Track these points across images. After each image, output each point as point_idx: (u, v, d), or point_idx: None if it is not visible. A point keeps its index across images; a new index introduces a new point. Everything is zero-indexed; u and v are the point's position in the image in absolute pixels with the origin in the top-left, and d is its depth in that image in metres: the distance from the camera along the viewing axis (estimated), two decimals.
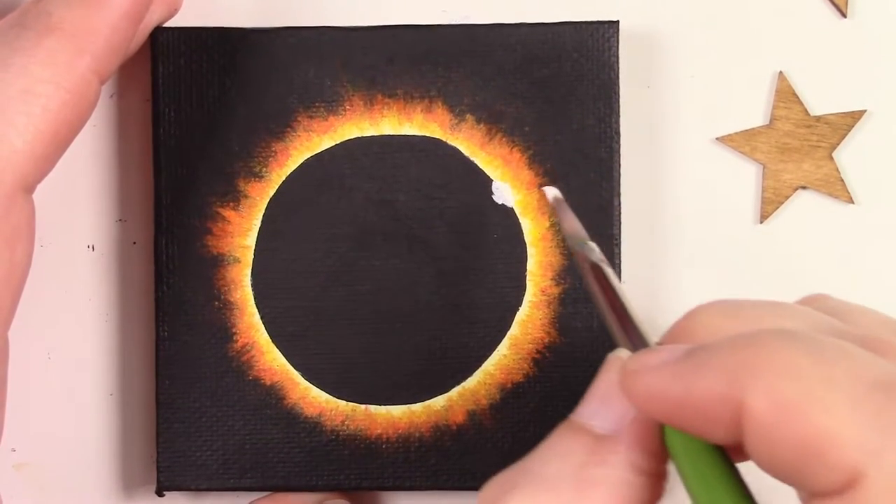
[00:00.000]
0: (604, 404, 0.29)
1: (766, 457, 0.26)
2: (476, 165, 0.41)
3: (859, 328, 0.28)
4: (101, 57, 0.35)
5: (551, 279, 0.40)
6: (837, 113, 0.41)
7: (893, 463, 0.24)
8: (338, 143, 0.41)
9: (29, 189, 0.35)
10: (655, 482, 0.28)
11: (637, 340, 0.30)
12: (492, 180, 0.40)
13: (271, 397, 0.40)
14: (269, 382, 0.40)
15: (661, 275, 0.42)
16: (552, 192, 0.37)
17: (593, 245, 0.34)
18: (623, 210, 0.41)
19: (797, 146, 0.41)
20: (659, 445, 0.28)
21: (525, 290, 0.40)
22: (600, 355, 0.30)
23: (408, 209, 0.40)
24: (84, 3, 0.35)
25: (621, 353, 0.30)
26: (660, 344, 0.30)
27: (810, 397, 0.25)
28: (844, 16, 0.42)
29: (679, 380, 0.27)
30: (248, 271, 0.40)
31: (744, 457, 0.28)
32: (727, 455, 0.27)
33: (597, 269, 0.32)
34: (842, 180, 0.41)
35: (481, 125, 0.40)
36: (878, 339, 0.27)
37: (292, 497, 0.41)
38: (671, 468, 0.29)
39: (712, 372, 0.26)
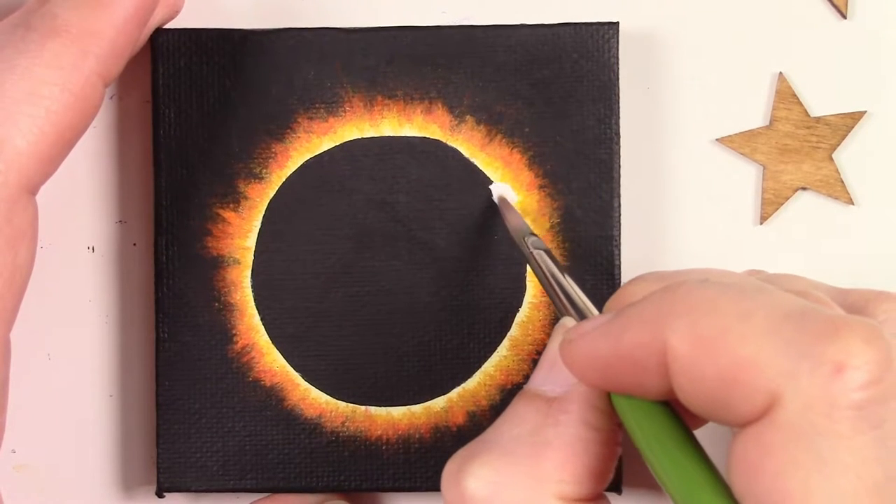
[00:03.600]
0: (552, 370, 0.30)
1: (693, 395, 0.27)
2: (476, 167, 0.41)
3: (786, 286, 0.29)
4: (106, 59, 0.35)
5: None
6: (837, 114, 0.41)
7: (809, 384, 0.25)
8: (338, 144, 0.41)
9: (33, 191, 0.35)
10: (610, 438, 0.29)
11: (581, 316, 0.32)
12: (492, 181, 0.40)
13: (271, 399, 0.40)
14: (269, 384, 0.40)
15: None
16: (497, 190, 0.40)
17: (536, 237, 0.37)
18: (623, 210, 0.41)
19: (797, 147, 0.41)
20: (608, 402, 0.29)
21: (525, 291, 0.40)
22: None
23: (408, 210, 0.40)
24: (89, 5, 0.35)
25: (567, 322, 0.32)
26: None
27: (727, 330, 0.26)
28: (844, 16, 0.42)
29: (608, 338, 0.28)
30: (248, 273, 0.40)
31: (700, 421, 0.29)
32: (676, 413, 0.28)
33: (541, 257, 0.35)
34: (842, 181, 0.41)
35: (481, 126, 0.40)
36: (802, 290, 0.29)
37: (292, 498, 0.41)
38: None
39: (636, 323, 0.27)
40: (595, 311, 0.32)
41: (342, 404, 0.40)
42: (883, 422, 0.25)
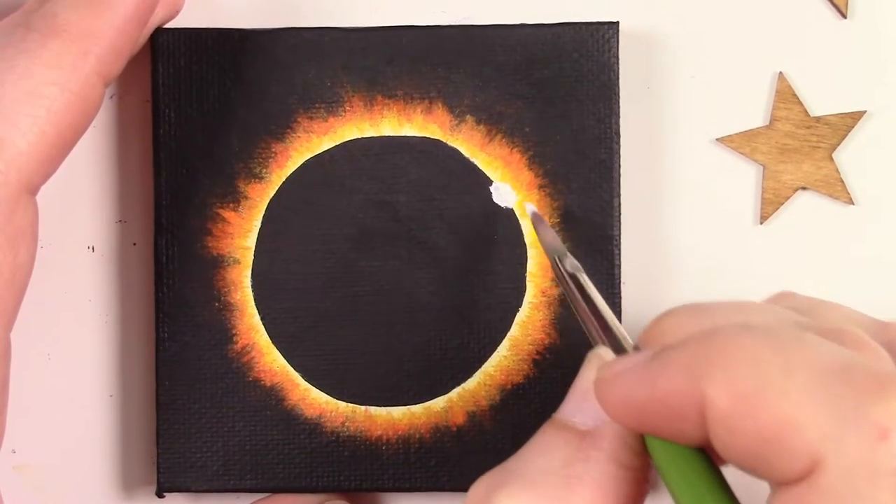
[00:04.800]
0: (585, 401, 0.30)
1: (730, 448, 0.26)
2: (476, 166, 0.41)
3: (823, 322, 0.29)
4: (106, 59, 0.35)
5: (551, 280, 0.40)
6: (837, 114, 0.41)
7: (852, 448, 0.24)
8: (338, 144, 0.40)
9: (33, 191, 0.35)
10: (640, 477, 0.29)
11: (615, 345, 0.31)
12: (492, 181, 0.40)
13: (271, 398, 0.40)
14: (269, 384, 0.40)
15: (661, 275, 0.42)
16: (530, 207, 0.40)
17: (571, 257, 0.35)
18: (623, 210, 0.41)
19: (797, 147, 0.41)
20: (641, 442, 0.29)
21: (525, 291, 0.40)
22: None
23: (408, 210, 0.40)
24: (90, 5, 0.35)
25: (601, 351, 0.31)
26: (635, 348, 0.30)
27: (769, 386, 0.25)
28: (844, 16, 0.42)
29: (645, 382, 0.27)
30: (248, 272, 0.40)
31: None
32: (710, 459, 0.28)
33: (574, 279, 0.34)
34: (842, 181, 0.41)
35: (481, 126, 0.40)
36: (840, 329, 0.28)
37: (292, 498, 0.41)
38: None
39: (674, 369, 0.27)
40: (630, 342, 0.31)
41: (342, 404, 0.40)
42: None
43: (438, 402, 0.40)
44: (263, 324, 0.40)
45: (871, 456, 0.24)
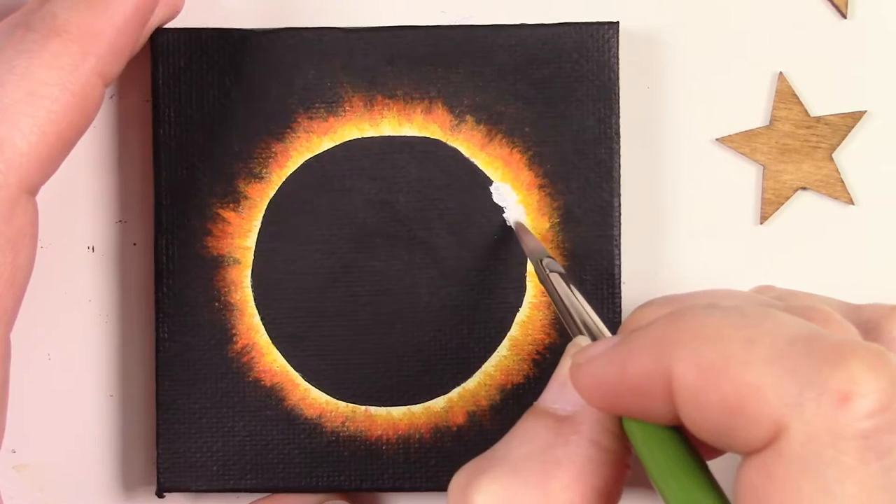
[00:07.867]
0: (564, 388, 0.30)
1: (698, 423, 0.26)
2: (476, 166, 0.41)
3: (794, 302, 0.29)
4: (106, 59, 0.35)
5: None
6: (837, 114, 0.41)
7: (814, 414, 0.25)
8: (338, 144, 0.41)
9: (33, 191, 0.35)
10: (619, 459, 0.29)
11: (594, 337, 0.32)
12: (492, 181, 0.40)
13: (271, 398, 0.40)
14: (269, 384, 0.40)
15: (662, 275, 0.42)
16: (513, 216, 0.40)
17: (552, 259, 0.37)
18: (623, 210, 0.41)
19: (797, 147, 0.41)
20: (619, 424, 0.29)
21: (525, 291, 0.40)
22: None
23: (408, 210, 0.40)
24: (89, 6, 0.35)
25: (580, 340, 0.32)
26: None
27: (732, 358, 0.26)
28: (844, 16, 0.42)
29: (615, 363, 0.28)
30: (248, 272, 0.40)
31: (717, 451, 0.29)
32: (685, 438, 0.28)
33: (556, 279, 0.35)
34: (842, 181, 0.41)
35: (481, 126, 0.40)
36: (809, 307, 0.28)
37: (292, 498, 0.41)
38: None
39: (642, 349, 0.27)
40: (608, 334, 0.32)
41: (342, 404, 0.40)
42: (890, 451, 0.24)
43: (438, 402, 0.40)
44: (263, 324, 0.40)
45: (832, 421, 0.24)
